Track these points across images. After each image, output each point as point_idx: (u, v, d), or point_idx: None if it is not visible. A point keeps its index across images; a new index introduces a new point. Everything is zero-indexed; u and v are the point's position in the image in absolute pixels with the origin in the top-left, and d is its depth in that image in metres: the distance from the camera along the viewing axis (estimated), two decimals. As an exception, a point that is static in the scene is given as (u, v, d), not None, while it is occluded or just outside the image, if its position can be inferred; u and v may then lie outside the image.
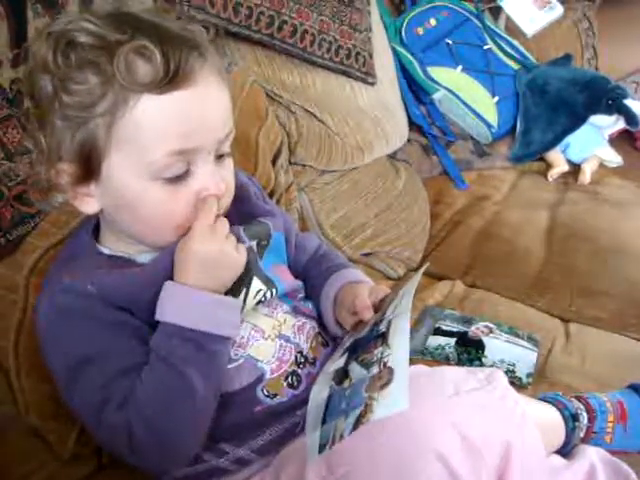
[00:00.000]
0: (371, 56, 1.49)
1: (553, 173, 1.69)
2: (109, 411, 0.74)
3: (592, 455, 0.91)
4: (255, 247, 0.88)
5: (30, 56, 0.77)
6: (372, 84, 1.50)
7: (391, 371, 0.69)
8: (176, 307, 0.76)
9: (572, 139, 1.71)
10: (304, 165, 1.35)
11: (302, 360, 0.86)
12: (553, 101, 1.72)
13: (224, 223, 0.78)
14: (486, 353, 1.17)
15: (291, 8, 1.29)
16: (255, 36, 1.26)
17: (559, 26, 1.96)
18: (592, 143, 1.72)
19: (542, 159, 1.74)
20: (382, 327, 0.76)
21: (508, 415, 0.77)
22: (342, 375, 0.77)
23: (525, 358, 1.16)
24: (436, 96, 1.71)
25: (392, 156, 1.59)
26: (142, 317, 0.78)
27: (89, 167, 0.76)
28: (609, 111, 1.69)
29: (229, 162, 0.83)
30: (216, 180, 0.78)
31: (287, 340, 0.86)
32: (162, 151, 0.74)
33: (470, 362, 1.16)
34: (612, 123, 1.72)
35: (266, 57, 1.31)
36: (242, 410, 0.82)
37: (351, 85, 1.46)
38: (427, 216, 1.57)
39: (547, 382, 1.13)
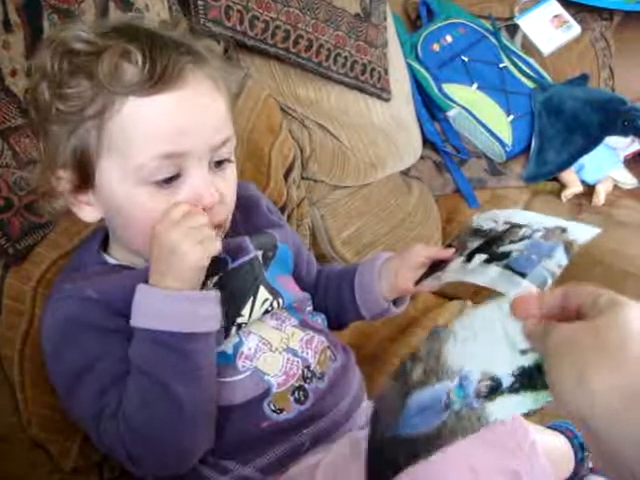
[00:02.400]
0: (386, 72, 1.48)
1: (567, 194, 1.68)
2: (105, 421, 0.74)
3: None
4: (261, 257, 0.87)
5: (33, 66, 0.79)
6: (387, 100, 1.50)
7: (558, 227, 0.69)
8: (143, 309, 0.74)
9: (587, 160, 1.69)
10: (316, 180, 1.34)
11: (309, 375, 0.85)
12: (568, 121, 1.71)
13: (194, 215, 0.74)
14: (495, 376, 1.15)
15: (307, 23, 1.29)
16: (270, 50, 1.25)
17: (576, 45, 1.95)
18: (607, 164, 1.71)
19: (556, 179, 1.73)
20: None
21: (517, 446, 0.76)
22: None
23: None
24: (451, 113, 1.70)
25: (405, 173, 1.59)
26: None
27: (84, 174, 0.76)
28: (624, 132, 1.68)
29: (230, 171, 0.81)
30: (209, 188, 0.76)
31: (294, 354, 0.85)
32: (149, 154, 0.73)
33: (479, 385, 1.14)
34: (627, 145, 1.71)
35: (281, 71, 1.31)
36: (248, 425, 0.81)
37: (365, 100, 1.46)
38: (439, 234, 1.56)
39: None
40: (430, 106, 1.71)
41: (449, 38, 1.77)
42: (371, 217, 1.42)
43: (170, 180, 0.75)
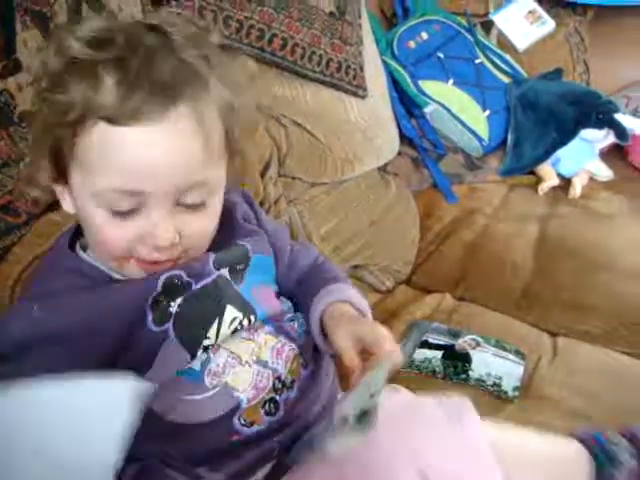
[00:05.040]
0: (362, 69, 1.49)
1: (543, 187, 1.69)
2: None
3: None
4: (227, 274, 0.84)
5: (40, 54, 0.77)
6: (363, 97, 1.50)
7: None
8: None
9: (563, 153, 1.71)
10: (293, 177, 1.35)
11: (280, 386, 0.82)
12: (544, 115, 1.72)
13: None
14: (472, 366, 1.17)
15: (281, 22, 1.30)
16: (245, 49, 1.26)
17: (551, 40, 1.97)
18: (583, 157, 1.72)
19: (533, 173, 1.74)
20: None
21: (468, 450, 0.76)
22: None
23: (512, 372, 1.16)
24: (427, 109, 1.71)
25: (382, 169, 1.59)
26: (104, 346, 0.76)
27: (60, 169, 0.76)
28: (599, 125, 1.69)
29: (202, 213, 0.78)
30: (164, 230, 0.74)
31: (264, 366, 0.82)
32: (109, 185, 0.71)
33: (457, 375, 1.16)
34: (602, 137, 1.72)
35: (257, 70, 1.31)
36: (218, 439, 0.78)
37: (342, 98, 1.46)
38: (417, 229, 1.57)
39: (533, 396, 1.13)
40: (407, 103, 1.72)
41: (425, 35, 1.78)
42: (349, 213, 1.43)
43: (128, 212, 0.73)
